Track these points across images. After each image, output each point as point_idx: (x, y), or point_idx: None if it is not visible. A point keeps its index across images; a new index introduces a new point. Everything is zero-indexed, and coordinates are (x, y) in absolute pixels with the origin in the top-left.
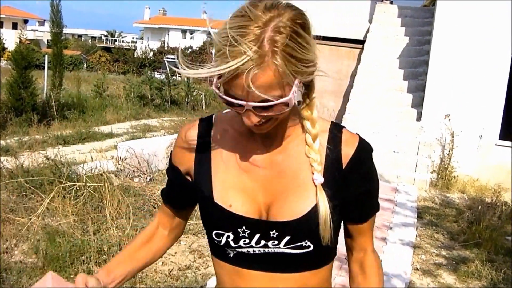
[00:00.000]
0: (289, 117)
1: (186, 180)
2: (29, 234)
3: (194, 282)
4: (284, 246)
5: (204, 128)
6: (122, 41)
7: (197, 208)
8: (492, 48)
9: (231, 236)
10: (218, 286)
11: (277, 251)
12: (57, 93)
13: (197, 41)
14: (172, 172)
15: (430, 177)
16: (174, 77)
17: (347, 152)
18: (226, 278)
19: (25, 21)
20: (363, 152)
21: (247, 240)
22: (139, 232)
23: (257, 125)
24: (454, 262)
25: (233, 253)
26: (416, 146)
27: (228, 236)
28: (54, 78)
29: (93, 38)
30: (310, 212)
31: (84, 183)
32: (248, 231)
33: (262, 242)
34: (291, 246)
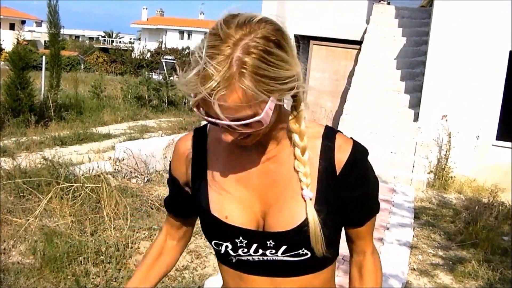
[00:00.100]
0: (281, 125)
1: (186, 191)
2: (27, 235)
3: (192, 283)
4: (282, 255)
5: (199, 139)
6: (120, 42)
7: None
8: (489, 49)
9: (230, 246)
10: (224, 287)
11: (276, 259)
12: (55, 94)
13: (195, 42)
14: (172, 184)
15: (427, 178)
16: (172, 78)
17: (340, 159)
18: (231, 282)
19: (23, 22)
20: (357, 158)
21: (246, 250)
22: (149, 248)
23: (240, 139)
24: (451, 262)
25: (235, 259)
26: (413, 147)
27: (227, 246)
28: (52, 79)
29: (91, 39)
30: (305, 222)
31: (82, 184)
32: (246, 241)
33: (260, 251)
34: (289, 255)
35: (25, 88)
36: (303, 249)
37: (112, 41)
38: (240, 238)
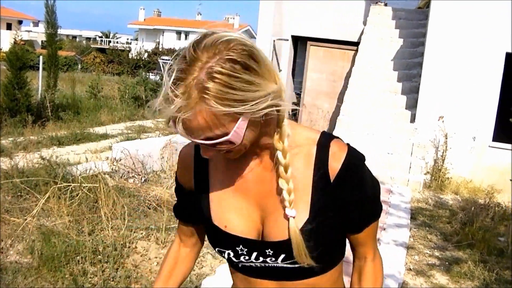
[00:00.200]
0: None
1: (192, 198)
2: (24, 235)
3: (189, 282)
4: (282, 262)
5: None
6: (117, 42)
7: None
8: (486, 50)
9: (231, 254)
10: (234, 287)
11: (277, 266)
12: (52, 94)
13: None
14: (179, 191)
15: (424, 179)
16: None
17: (334, 166)
18: (239, 283)
19: (20, 22)
20: (351, 165)
21: (247, 257)
22: (164, 258)
23: (224, 153)
24: (447, 263)
25: (240, 264)
26: (410, 148)
27: (229, 253)
28: (49, 79)
29: (88, 39)
30: (300, 231)
31: (79, 184)
32: (246, 249)
33: (261, 259)
34: (288, 262)
35: (22, 88)
36: None
37: (109, 42)
38: (241, 247)
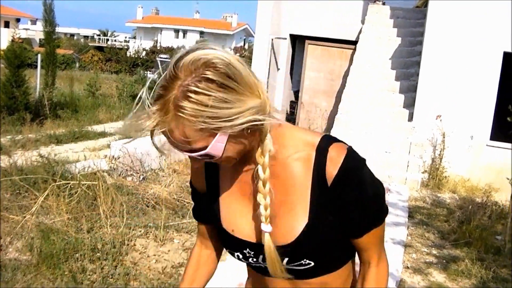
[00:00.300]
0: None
1: (206, 202)
2: (23, 232)
3: None
4: (287, 265)
5: None
6: (115, 40)
7: (190, 207)
8: (484, 49)
9: (240, 256)
10: (249, 281)
11: (284, 267)
12: (50, 92)
13: (190, 41)
14: (194, 194)
15: (422, 177)
16: None
17: (331, 171)
18: (253, 279)
19: (17, 20)
20: (348, 169)
21: (255, 259)
22: (187, 261)
23: (217, 161)
24: (445, 261)
25: (252, 264)
26: (408, 146)
27: (238, 255)
28: (47, 77)
29: (86, 37)
30: (300, 236)
31: (78, 182)
32: (252, 252)
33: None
34: (293, 265)
35: (21, 86)
36: (305, 260)
37: (107, 40)
38: (248, 250)
